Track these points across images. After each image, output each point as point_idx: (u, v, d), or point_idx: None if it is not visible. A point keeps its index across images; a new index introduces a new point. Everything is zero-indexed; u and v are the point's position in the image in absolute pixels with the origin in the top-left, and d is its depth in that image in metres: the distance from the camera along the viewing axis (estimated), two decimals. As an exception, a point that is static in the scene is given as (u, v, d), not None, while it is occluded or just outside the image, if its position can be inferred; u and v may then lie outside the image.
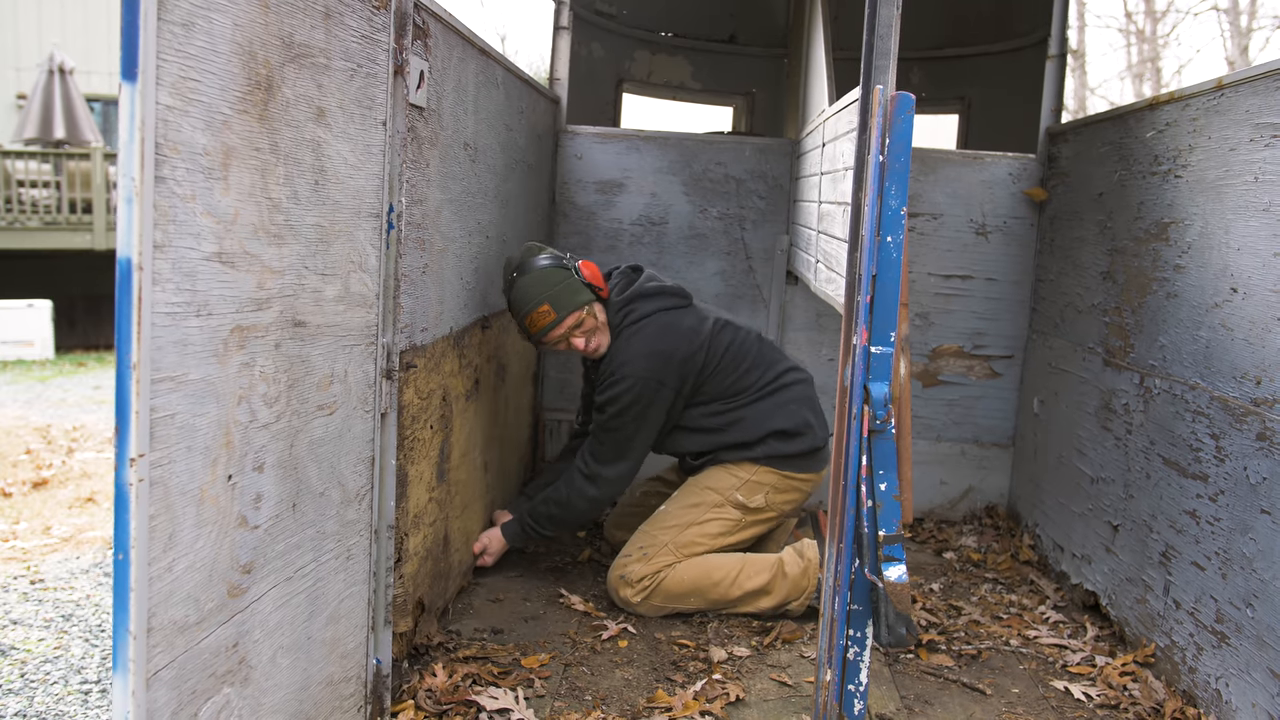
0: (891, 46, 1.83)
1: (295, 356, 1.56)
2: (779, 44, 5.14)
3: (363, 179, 1.76)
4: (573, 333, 2.75)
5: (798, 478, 2.85)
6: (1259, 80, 2.17)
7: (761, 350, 2.92)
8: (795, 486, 2.86)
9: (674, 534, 2.76)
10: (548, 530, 2.89)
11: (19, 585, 3.25)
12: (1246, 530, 2.12)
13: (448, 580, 2.65)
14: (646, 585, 2.71)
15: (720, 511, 2.80)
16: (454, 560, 2.71)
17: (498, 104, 2.77)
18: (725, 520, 2.80)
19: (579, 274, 2.76)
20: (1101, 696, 2.37)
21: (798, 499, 2.90)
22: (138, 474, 1.19)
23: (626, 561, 2.75)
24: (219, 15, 1.27)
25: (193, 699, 1.35)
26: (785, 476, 2.83)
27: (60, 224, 11.09)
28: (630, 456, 2.79)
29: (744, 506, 2.81)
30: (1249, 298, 2.16)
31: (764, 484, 2.82)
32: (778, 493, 2.84)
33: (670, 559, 2.73)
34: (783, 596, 2.73)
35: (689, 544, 2.76)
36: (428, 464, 2.36)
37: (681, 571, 2.72)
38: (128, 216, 1.15)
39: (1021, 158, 3.55)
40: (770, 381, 2.88)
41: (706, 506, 2.81)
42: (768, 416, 2.84)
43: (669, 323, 2.78)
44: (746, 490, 2.82)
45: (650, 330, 2.76)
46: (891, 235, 1.82)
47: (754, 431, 2.82)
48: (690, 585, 2.71)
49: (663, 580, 2.71)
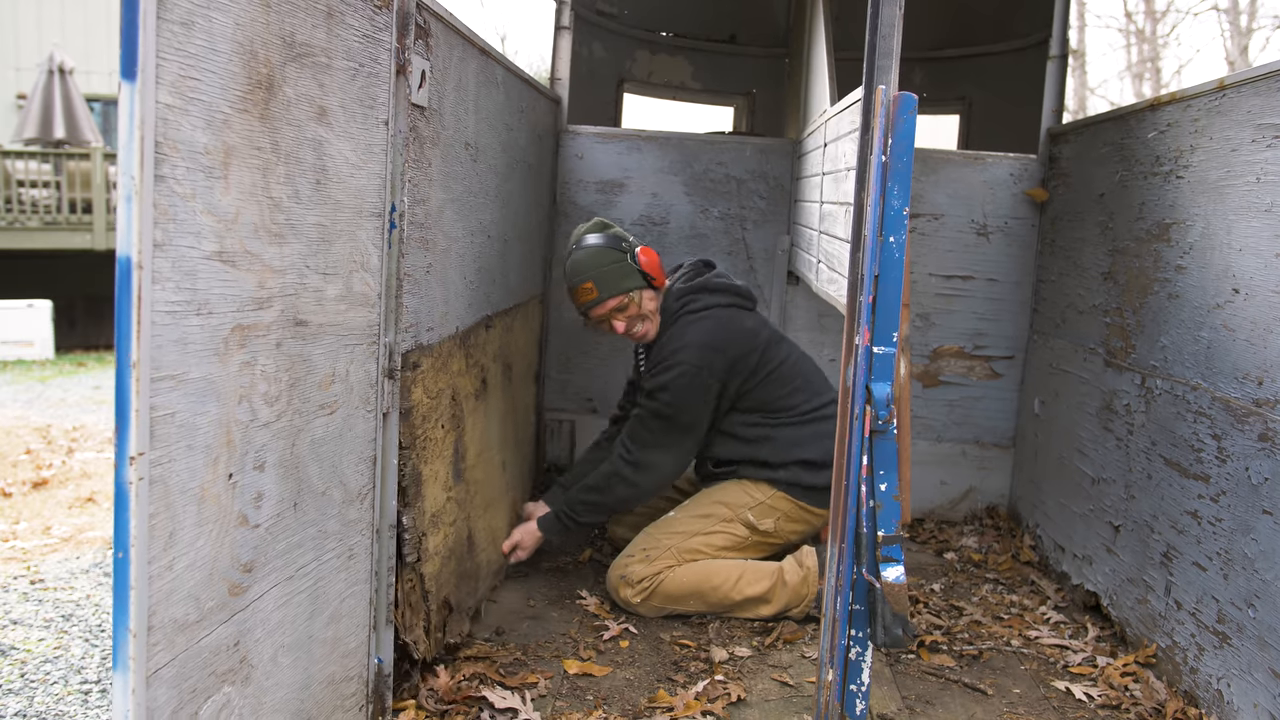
0: (894, 46, 1.83)
1: (296, 356, 1.56)
2: (780, 44, 5.14)
3: (364, 178, 1.76)
4: (615, 315, 2.81)
5: (812, 510, 2.85)
6: (1260, 81, 2.17)
7: (810, 376, 2.93)
8: (806, 519, 2.86)
9: (679, 540, 2.76)
10: (586, 518, 2.87)
11: (19, 585, 3.25)
12: (1248, 531, 2.12)
13: (476, 580, 2.64)
14: (646, 586, 2.71)
15: (729, 527, 2.80)
16: (481, 560, 2.70)
17: (498, 104, 2.77)
18: (732, 536, 2.80)
19: (634, 259, 2.80)
20: (1103, 697, 2.37)
21: (806, 530, 2.89)
22: (138, 472, 1.18)
23: (629, 562, 2.75)
24: (219, 14, 1.27)
25: (193, 697, 1.35)
26: (800, 507, 2.83)
27: (60, 224, 11.09)
28: (674, 446, 2.78)
29: (753, 527, 2.81)
30: (1251, 298, 2.16)
31: (778, 510, 2.82)
32: (789, 521, 2.84)
33: (671, 563, 2.73)
34: (782, 605, 2.73)
35: (692, 551, 2.75)
36: (442, 463, 2.35)
37: (681, 574, 2.71)
38: (127, 215, 1.14)
39: (1022, 158, 3.55)
40: (812, 410, 2.87)
41: (716, 519, 2.80)
42: (799, 443, 2.83)
43: (729, 318, 2.81)
44: (759, 511, 2.81)
45: (709, 323, 2.78)
46: (894, 235, 1.82)
47: (782, 454, 2.82)
48: (690, 588, 2.71)
49: (662, 582, 2.71)
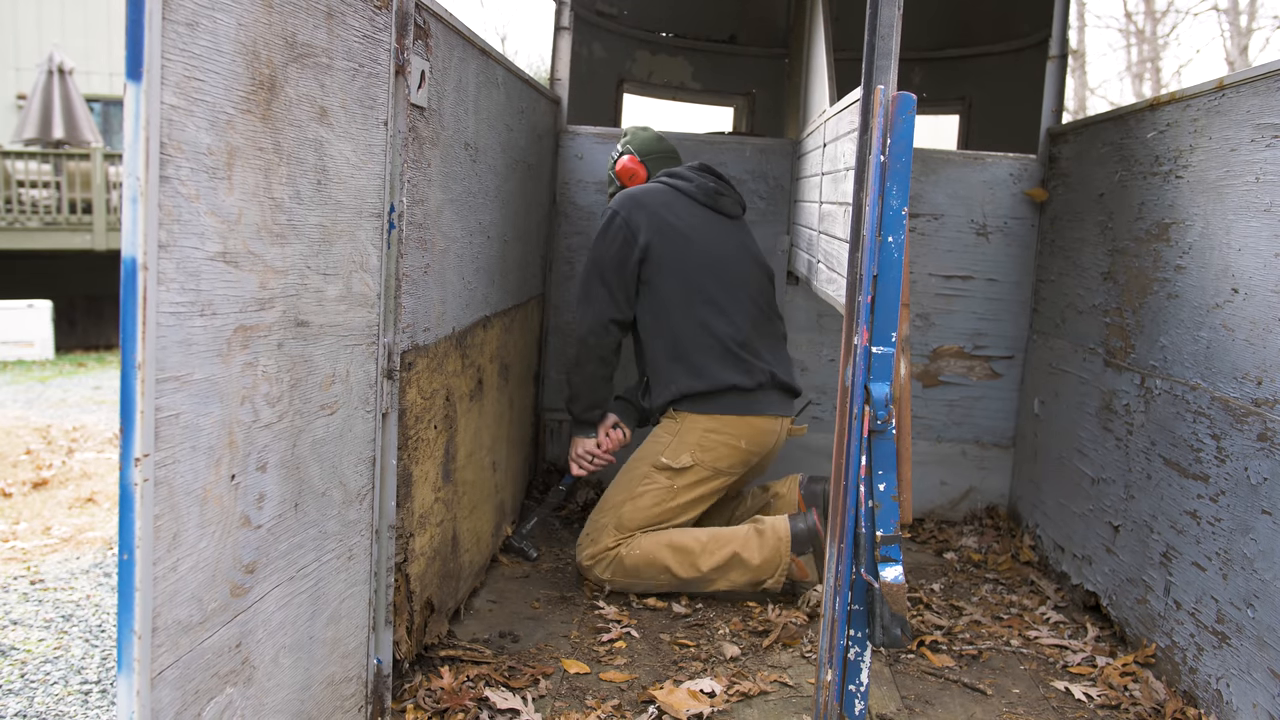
0: (893, 47, 1.83)
1: (298, 356, 1.56)
2: (779, 44, 5.15)
3: (364, 179, 1.76)
4: None
5: (722, 422, 2.82)
6: (1260, 81, 2.18)
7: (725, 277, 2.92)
8: (725, 440, 2.82)
9: (612, 515, 2.85)
10: (571, 403, 3.02)
11: (19, 585, 3.25)
12: (1247, 531, 2.12)
13: (458, 581, 2.65)
14: (605, 561, 2.80)
15: (648, 483, 2.84)
16: (464, 560, 2.70)
17: (498, 104, 2.77)
18: (655, 489, 2.83)
19: (612, 165, 3.24)
20: (1102, 697, 2.38)
21: (735, 456, 2.85)
22: (142, 474, 1.19)
23: (579, 547, 2.89)
24: (223, 15, 1.28)
25: (196, 699, 1.35)
26: (706, 429, 2.82)
27: (60, 224, 11.09)
28: (593, 296, 2.89)
29: (669, 469, 2.83)
30: (1250, 298, 2.17)
31: (687, 440, 2.83)
32: (703, 450, 2.83)
33: (615, 538, 2.80)
34: (752, 575, 2.74)
35: (628, 521, 2.82)
36: (433, 464, 2.36)
37: (635, 546, 2.78)
38: (132, 216, 1.15)
39: (1022, 158, 3.56)
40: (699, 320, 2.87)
41: (636, 479, 2.87)
42: (681, 347, 2.86)
43: (664, 189, 2.98)
44: (671, 452, 2.83)
45: (646, 186, 3.02)
46: (893, 235, 1.82)
47: (673, 353, 2.87)
48: (645, 559, 2.77)
49: (620, 557, 2.79)
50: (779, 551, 2.74)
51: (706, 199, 3.01)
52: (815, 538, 2.76)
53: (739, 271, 2.96)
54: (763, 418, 2.86)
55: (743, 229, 3.11)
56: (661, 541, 2.78)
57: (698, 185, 3.02)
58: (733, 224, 3.07)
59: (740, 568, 2.75)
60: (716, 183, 3.08)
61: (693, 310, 2.86)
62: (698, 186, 3.02)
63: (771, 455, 2.97)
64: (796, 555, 2.76)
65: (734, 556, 2.74)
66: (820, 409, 3.80)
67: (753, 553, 2.75)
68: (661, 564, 2.77)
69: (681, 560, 2.76)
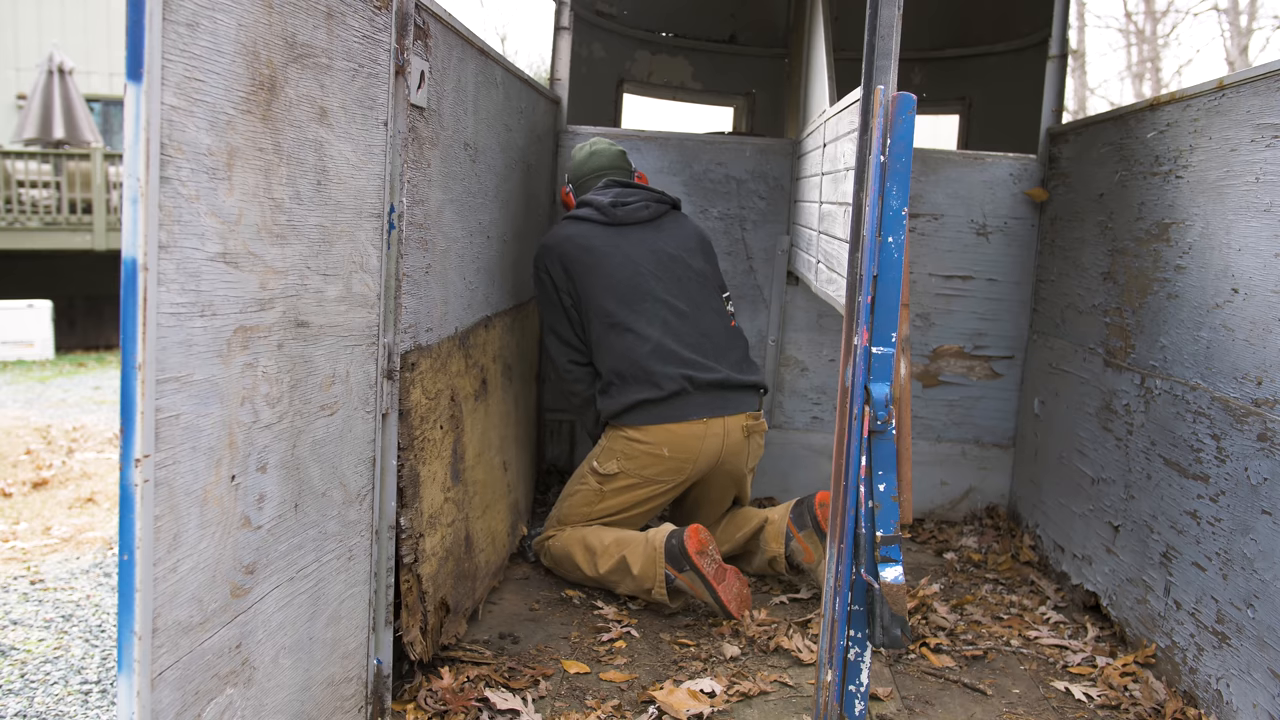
0: (893, 47, 1.83)
1: (298, 357, 1.56)
2: (779, 44, 5.15)
3: (364, 179, 1.76)
4: None
5: (643, 433, 2.82)
6: (1260, 81, 2.18)
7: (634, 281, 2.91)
8: (647, 450, 2.83)
9: (556, 508, 3.04)
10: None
11: (19, 585, 3.25)
12: (1247, 531, 2.12)
13: (474, 581, 2.65)
14: (544, 549, 2.99)
15: (582, 484, 2.97)
16: (479, 560, 2.70)
17: (497, 104, 2.77)
18: (586, 490, 2.95)
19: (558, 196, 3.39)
20: (1102, 697, 2.38)
21: (655, 462, 2.83)
22: (143, 474, 1.19)
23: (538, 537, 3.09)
24: (223, 15, 1.28)
25: (196, 700, 1.35)
26: (628, 438, 2.85)
27: (60, 224, 11.09)
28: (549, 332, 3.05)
29: (598, 473, 2.93)
30: (1250, 298, 2.17)
31: (614, 449, 2.89)
32: (627, 459, 2.87)
33: (554, 529, 2.98)
34: (634, 584, 2.75)
35: (565, 516, 2.98)
36: (440, 464, 2.36)
37: (560, 539, 2.93)
38: (133, 216, 1.15)
39: (1022, 158, 3.56)
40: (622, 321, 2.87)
41: (575, 479, 3.02)
42: (602, 368, 2.92)
43: (570, 224, 3.02)
44: (602, 458, 2.92)
45: (558, 224, 3.08)
46: (893, 236, 1.82)
47: (599, 378, 2.96)
48: (561, 555, 2.91)
49: (550, 547, 2.96)
50: (655, 562, 2.70)
51: (606, 218, 2.98)
52: (686, 556, 2.66)
53: (644, 282, 2.91)
54: (685, 424, 2.82)
55: (657, 230, 3.03)
56: (577, 538, 2.89)
57: (596, 207, 3.00)
58: (642, 229, 3.01)
59: (627, 574, 2.75)
60: (618, 194, 3.03)
61: (604, 335, 2.90)
62: (597, 209, 3.00)
63: (724, 457, 2.89)
64: (673, 568, 2.68)
65: (622, 561, 2.76)
66: (820, 409, 3.80)
67: (635, 561, 2.74)
68: (573, 560, 2.88)
69: (587, 559, 2.84)
